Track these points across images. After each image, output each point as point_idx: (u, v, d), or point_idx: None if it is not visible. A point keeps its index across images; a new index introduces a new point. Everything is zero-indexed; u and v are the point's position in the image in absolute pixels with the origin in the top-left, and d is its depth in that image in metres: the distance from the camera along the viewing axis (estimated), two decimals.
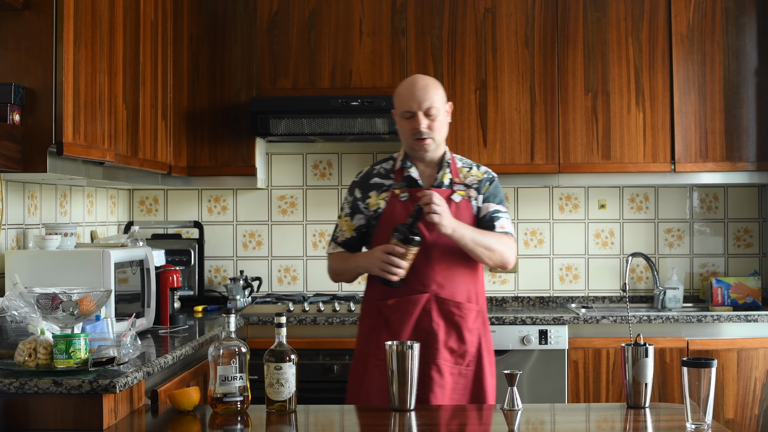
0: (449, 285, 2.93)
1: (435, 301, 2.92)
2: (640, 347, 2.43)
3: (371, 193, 3.02)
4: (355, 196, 3.04)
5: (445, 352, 2.91)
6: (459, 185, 3.01)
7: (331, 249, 3.08)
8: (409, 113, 2.94)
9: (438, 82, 3.02)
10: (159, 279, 3.63)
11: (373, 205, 3.00)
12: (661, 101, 4.30)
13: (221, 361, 2.38)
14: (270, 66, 4.35)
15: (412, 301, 2.92)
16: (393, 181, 3.01)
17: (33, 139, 2.91)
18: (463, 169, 3.05)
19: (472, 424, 2.47)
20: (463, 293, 2.95)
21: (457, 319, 2.93)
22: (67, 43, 2.95)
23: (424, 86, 2.95)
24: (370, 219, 3.01)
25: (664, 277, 4.62)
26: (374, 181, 3.03)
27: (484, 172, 3.08)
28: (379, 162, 3.11)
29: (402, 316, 2.92)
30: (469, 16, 4.33)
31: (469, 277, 2.97)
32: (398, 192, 2.99)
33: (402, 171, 3.01)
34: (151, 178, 4.07)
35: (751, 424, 4.03)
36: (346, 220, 3.05)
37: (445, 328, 2.92)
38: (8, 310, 2.52)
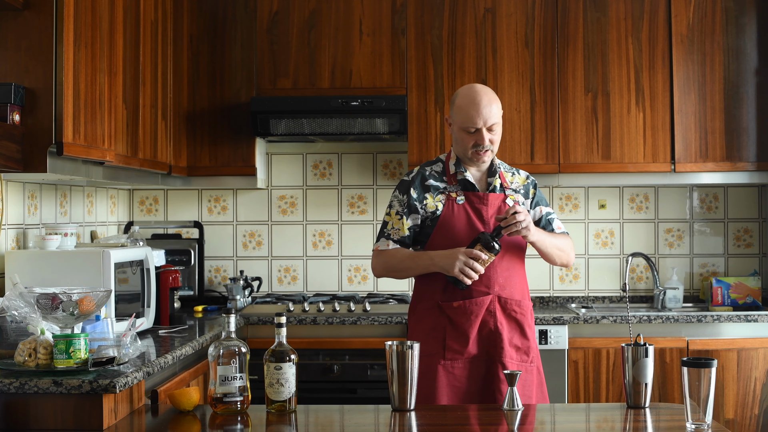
0: (509, 285, 3.02)
1: (498, 301, 3.00)
2: (640, 347, 2.43)
3: (427, 195, 3.06)
4: (411, 195, 3.06)
5: (511, 350, 2.98)
6: (509, 190, 3.11)
7: (385, 246, 3.08)
8: (473, 128, 3.01)
9: (495, 94, 3.09)
10: (159, 279, 3.63)
11: (431, 207, 3.05)
12: (661, 101, 4.30)
13: (221, 361, 2.38)
14: (270, 66, 4.35)
15: (477, 303, 2.98)
16: (447, 184, 3.07)
17: (33, 139, 2.91)
18: (507, 174, 3.15)
19: (472, 424, 2.47)
20: (520, 292, 3.06)
21: (519, 317, 3.02)
22: (67, 43, 2.95)
23: (489, 102, 3.02)
24: (425, 220, 3.06)
25: (664, 277, 4.62)
26: (429, 183, 3.08)
27: (526, 177, 3.20)
28: (427, 164, 3.16)
29: (468, 317, 2.97)
30: (469, 16, 4.33)
31: (523, 277, 3.10)
32: (455, 195, 3.05)
33: (456, 175, 3.08)
34: (151, 178, 4.07)
35: (751, 424, 4.03)
36: (399, 218, 3.07)
37: (509, 327, 3.00)
38: (8, 310, 2.52)
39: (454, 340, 2.98)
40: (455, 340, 2.97)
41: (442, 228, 3.03)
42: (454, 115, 3.07)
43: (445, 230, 3.03)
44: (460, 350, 2.96)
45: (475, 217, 3.03)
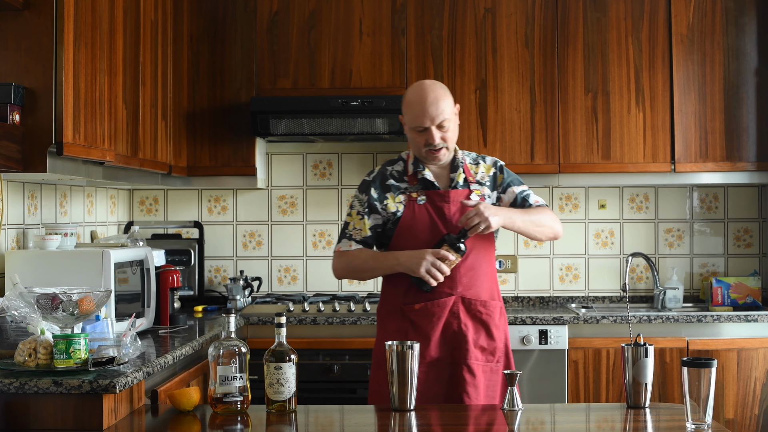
0: (474, 285, 2.94)
1: (462, 302, 2.92)
2: (640, 347, 2.43)
3: (388, 195, 2.99)
4: (371, 195, 2.99)
5: (477, 351, 2.91)
6: (474, 184, 3.01)
7: (347, 246, 3.00)
8: (421, 128, 2.92)
9: (446, 89, 2.98)
10: (159, 279, 3.63)
11: (392, 208, 2.97)
12: (661, 101, 4.30)
13: (221, 361, 2.38)
14: (270, 66, 4.35)
15: (439, 304, 2.91)
16: (408, 184, 2.99)
17: (33, 139, 2.91)
18: (472, 165, 3.05)
19: (471, 424, 2.47)
20: (487, 291, 2.97)
21: (485, 317, 2.94)
22: (67, 43, 2.95)
23: (436, 99, 2.91)
24: (386, 221, 2.98)
25: (664, 277, 4.62)
26: (390, 183, 3.01)
27: (491, 164, 3.07)
28: (389, 163, 3.08)
29: (430, 319, 2.90)
30: (469, 16, 4.33)
31: (490, 276, 3.00)
32: (415, 195, 2.97)
33: (416, 174, 3.00)
34: (151, 178, 4.07)
35: (751, 424, 4.03)
36: (360, 219, 3.00)
37: (474, 328, 2.92)
38: (8, 310, 2.52)
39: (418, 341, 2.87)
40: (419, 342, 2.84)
41: (404, 230, 2.95)
42: (404, 114, 2.98)
43: (406, 232, 2.95)
44: (423, 353, 2.85)
45: (437, 216, 2.94)
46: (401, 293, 2.95)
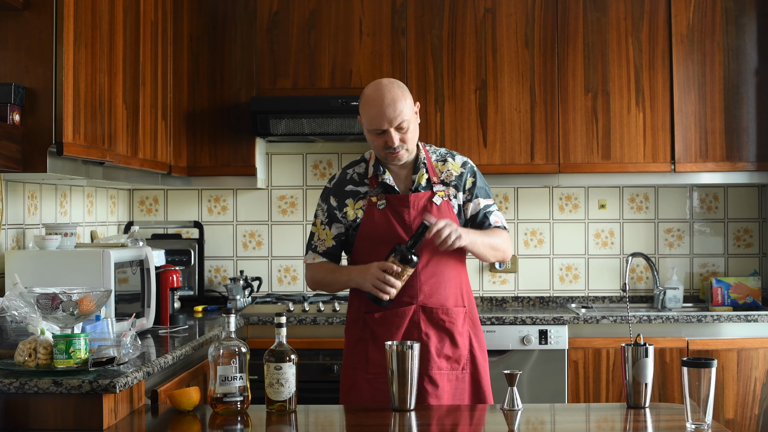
0: (436, 293, 2.84)
1: (423, 311, 2.83)
2: (640, 347, 2.43)
3: (347, 201, 2.90)
4: (330, 204, 2.92)
5: (441, 360, 2.84)
6: (438, 185, 2.89)
7: (311, 259, 2.95)
8: (379, 130, 2.81)
9: (404, 88, 2.85)
10: (159, 279, 3.63)
11: (351, 215, 2.89)
12: (661, 101, 4.30)
13: (221, 361, 2.38)
14: (270, 66, 4.35)
15: (399, 314, 2.82)
16: (368, 187, 2.90)
17: (33, 139, 2.91)
18: (438, 163, 2.93)
19: (471, 424, 2.47)
20: (451, 298, 2.87)
21: (448, 325, 2.85)
22: (67, 43, 2.95)
23: (393, 101, 2.78)
24: (348, 228, 2.91)
25: (664, 277, 4.62)
26: (349, 189, 2.92)
27: (461, 164, 2.95)
28: (350, 165, 2.99)
29: (389, 329, 2.82)
30: (469, 16, 4.33)
31: (455, 281, 2.89)
32: (375, 200, 2.87)
33: (376, 177, 2.89)
34: (151, 178, 4.07)
35: (751, 424, 4.03)
36: (323, 228, 2.94)
37: (437, 337, 2.84)
38: (8, 310, 2.52)
39: (377, 352, 2.82)
40: (378, 353, 2.81)
41: (364, 237, 2.86)
42: (361, 115, 2.86)
43: (366, 240, 2.86)
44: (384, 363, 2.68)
45: (397, 222, 2.84)
46: (365, 301, 2.88)
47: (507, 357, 3.97)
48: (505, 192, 4.67)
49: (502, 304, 4.63)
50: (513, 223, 4.67)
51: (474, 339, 2.92)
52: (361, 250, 2.89)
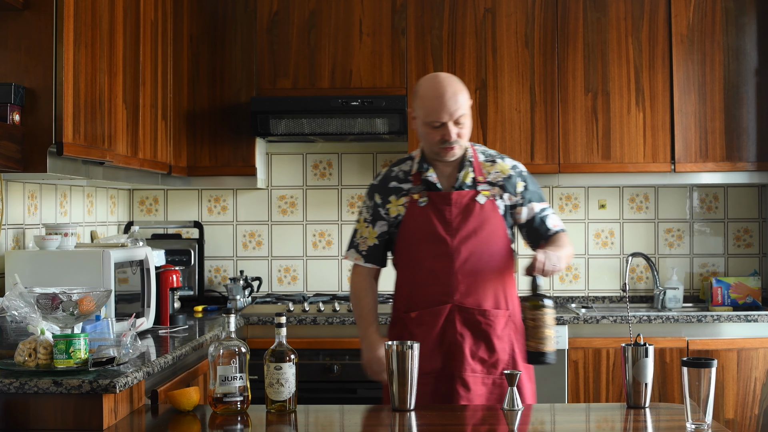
0: (474, 293, 2.79)
1: (458, 311, 2.78)
2: (640, 347, 2.43)
3: (391, 198, 2.87)
4: (375, 201, 2.90)
5: (475, 363, 2.78)
6: (483, 184, 2.85)
7: (353, 258, 2.94)
8: (438, 123, 2.77)
9: (461, 82, 2.83)
10: (159, 279, 3.63)
11: (394, 212, 2.86)
12: (661, 101, 4.30)
13: (221, 361, 2.38)
14: (270, 66, 4.35)
15: (434, 312, 2.79)
16: (412, 184, 2.87)
17: (33, 139, 2.91)
18: (486, 164, 2.89)
19: (471, 424, 2.47)
20: (490, 300, 2.81)
21: (485, 327, 2.79)
22: (67, 43, 2.95)
23: (454, 93, 2.76)
24: (391, 225, 2.88)
25: (664, 277, 4.62)
26: (393, 186, 2.88)
27: (511, 166, 2.90)
28: (396, 163, 2.95)
29: (425, 329, 2.79)
30: (469, 16, 4.33)
31: (497, 282, 2.83)
32: (417, 197, 2.84)
33: (420, 174, 2.86)
34: (151, 178, 4.07)
35: (751, 424, 4.03)
36: (366, 226, 2.91)
37: (472, 339, 2.78)
38: (8, 310, 2.52)
39: None
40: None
41: (404, 235, 2.84)
42: (416, 108, 2.82)
43: (406, 237, 2.84)
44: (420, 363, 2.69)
45: (437, 219, 2.81)
46: (404, 300, 2.87)
47: None
48: None
49: None
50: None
51: (517, 345, 2.84)
52: (401, 249, 2.87)
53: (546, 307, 2.55)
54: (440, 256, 2.80)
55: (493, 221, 2.83)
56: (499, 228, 2.84)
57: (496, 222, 2.83)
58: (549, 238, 2.89)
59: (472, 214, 2.81)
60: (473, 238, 2.80)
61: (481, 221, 2.81)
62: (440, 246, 2.80)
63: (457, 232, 2.80)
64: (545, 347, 2.53)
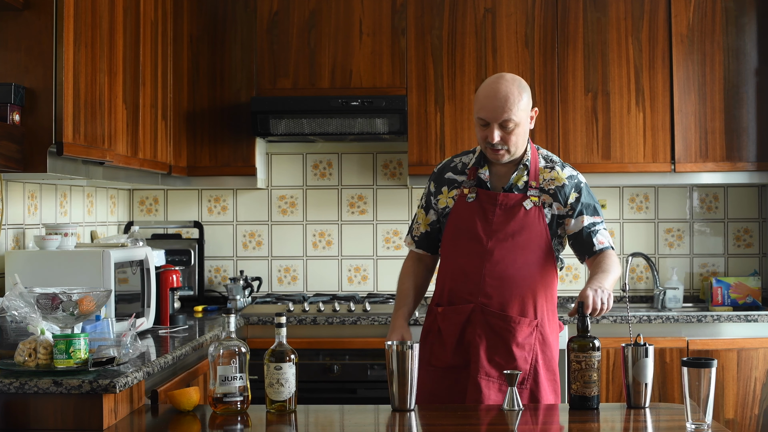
0: (499, 296, 2.75)
1: (480, 312, 2.76)
2: (640, 347, 2.43)
3: (443, 189, 2.88)
4: (429, 189, 2.91)
5: (490, 367, 2.74)
6: (534, 190, 2.80)
7: (408, 243, 2.99)
8: (483, 121, 2.74)
9: (524, 88, 2.77)
10: (159, 279, 3.63)
11: (442, 203, 2.86)
12: (661, 101, 4.30)
13: (221, 361, 2.38)
14: (270, 66, 4.35)
15: (457, 311, 2.79)
16: (466, 178, 2.85)
17: (33, 139, 2.91)
18: (544, 170, 2.83)
19: (472, 424, 2.47)
20: (517, 306, 2.76)
21: (504, 332, 2.75)
22: (67, 43, 2.95)
23: (504, 97, 2.70)
24: (440, 216, 2.89)
25: (664, 277, 4.62)
26: (448, 176, 2.88)
27: (568, 176, 2.84)
28: (459, 154, 2.94)
29: (449, 325, 2.79)
30: (469, 16, 4.33)
31: (527, 290, 2.78)
32: (467, 192, 2.82)
33: (475, 169, 2.83)
34: (151, 178, 4.07)
35: (751, 424, 4.03)
36: (422, 212, 2.94)
37: (490, 341, 2.75)
38: (8, 310, 2.52)
39: (439, 345, 2.81)
40: (440, 346, 2.81)
41: (448, 228, 2.84)
42: (474, 102, 2.82)
43: (450, 230, 2.83)
44: (442, 358, 2.79)
45: (479, 218, 2.78)
46: (438, 293, 2.88)
47: None
48: None
49: None
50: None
51: (541, 357, 2.81)
52: (444, 241, 2.87)
53: (595, 350, 2.49)
54: (473, 254, 2.79)
55: (535, 228, 2.79)
56: (541, 236, 2.80)
57: (538, 229, 2.80)
58: (594, 255, 2.84)
59: (514, 217, 2.77)
60: (509, 241, 2.77)
61: (522, 226, 2.78)
62: (476, 245, 2.79)
63: (495, 234, 2.77)
64: (591, 391, 2.47)
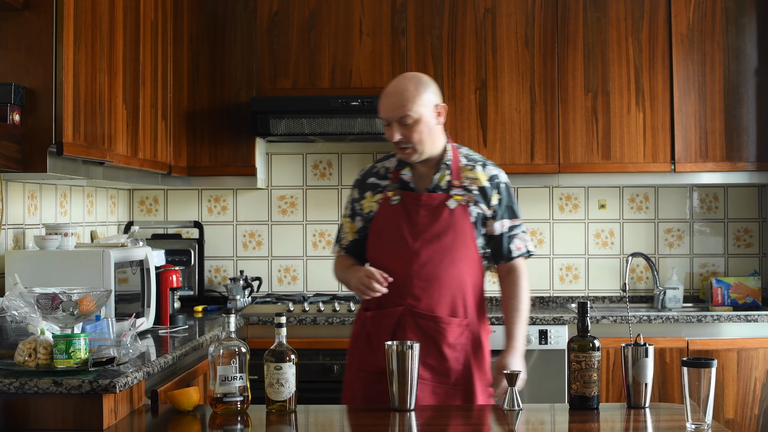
0: (428, 298, 2.73)
1: (410, 314, 2.73)
2: (640, 347, 2.43)
3: (366, 194, 2.86)
4: (353, 196, 2.91)
5: (423, 370, 2.70)
6: (457, 189, 2.79)
7: (335, 251, 2.94)
8: (385, 121, 2.74)
9: (422, 84, 2.74)
10: (159, 279, 3.63)
11: (366, 208, 2.85)
12: (661, 101, 4.30)
13: (221, 361, 2.38)
14: (270, 66, 4.35)
15: (387, 314, 2.76)
16: (389, 181, 2.83)
17: (33, 139, 2.91)
18: (465, 168, 2.82)
19: (471, 424, 2.47)
20: (445, 306, 2.75)
21: (434, 334, 2.73)
22: (67, 43, 2.95)
23: (399, 94, 2.70)
24: (366, 221, 2.86)
25: (664, 277, 4.62)
26: (371, 181, 2.87)
27: (489, 176, 2.83)
28: (381, 159, 2.93)
29: (380, 329, 2.76)
30: (469, 16, 4.33)
31: (456, 291, 2.76)
32: (391, 195, 2.81)
33: (397, 172, 2.83)
34: (151, 178, 4.07)
35: (751, 424, 4.03)
36: (347, 221, 2.92)
37: (422, 344, 2.62)
38: (8, 310, 2.52)
39: (369, 352, 2.78)
40: (370, 351, 2.77)
41: (374, 231, 2.81)
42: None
43: (374, 234, 2.81)
44: (373, 362, 2.75)
45: (405, 220, 2.76)
46: (364, 301, 2.83)
47: None
48: None
49: None
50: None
51: (472, 358, 2.79)
52: (370, 246, 2.85)
53: (595, 350, 2.48)
54: (400, 257, 2.76)
55: (461, 227, 2.77)
56: (467, 235, 2.78)
57: (464, 229, 2.77)
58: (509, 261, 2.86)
59: (439, 217, 2.75)
60: (436, 242, 2.74)
61: (447, 226, 2.76)
62: (402, 246, 2.76)
63: (421, 235, 2.75)
64: (591, 391, 2.46)
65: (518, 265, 2.88)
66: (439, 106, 2.78)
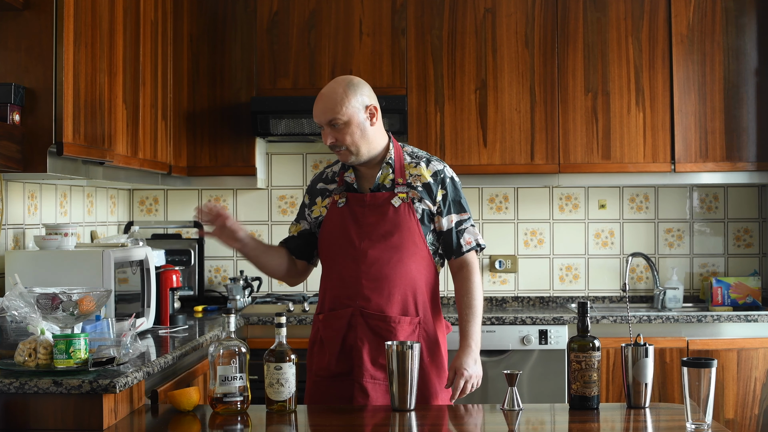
0: (378, 297, 2.71)
1: (360, 315, 2.72)
2: (640, 347, 2.43)
3: (317, 200, 2.86)
4: (304, 202, 2.91)
5: (375, 370, 2.70)
6: (401, 186, 2.76)
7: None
8: (319, 125, 2.77)
9: (351, 86, 2.74)
10: (159, 279, 3.63)
11: (316, 213, 2.85)
12: (661, 101, 4.30)
13: (221, 361, 2.38)
14: (270, 66, 4.35)
15: (337, 316, 2.74)
16: (336, 185, 2.83)
17: (33, 139, 2.91)
18: (410, 165, 2.80)
19: (471, 424, 2.47)
20: (396, 305, 2.73)
21: (385, 333, 2.70)
22: (67, 43, 2.95)
23: (327, 98, 2.71)
24: (312, 225, 2.87)
25: (664, 277, 4.62)
26: (320, 187, 2.87)
27: (433, 172, 2.80)
28: (331, 164, 2.93)
29: (330, 332, 2.75)
30: (469, 16, 4.33)
31: (406, 289, 2.74)
32: (337, 198, 2.80)
33: (343, 174, 2.83)
34: (151, 178, 4.07)
35: (751, 424, 4.03)
36: (293, 225, 2.92)
37: (372, 344, 2.70)
38: (8, 310, 2.52)
39: (322, 355, 2.77)
40: (324, 356, 2.76)
41: (324, 234, 2.81)
42: None
43: (324, 237, 2.81)
44: (327, 367, 2.74)
45: (351, 221, 2.76)
46: (319, 302, 2.84)
47: (507, 357, 3.97)
48: (505, 192, 4.68)
49: (502, 304, 4.63)
50: (513, 223, 4.67)
51: (427, 355, 2.75)
52: (320, 250, 2.85)
53: (595, 350, 2.47)
54: (348, 258, 2.75)
55: (407, 225, 2.75)
56: (414, 233, 2.76)
57: (410, 226, 2.75)
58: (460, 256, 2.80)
59: (385, 216, 2.74)
60: (383, 241, 2.73)
61: (393, 225, 2.75)
62: (349, 248, 2.75)
63: (368, 235, 2.74)
64: (591, 391, 2.45)
65: (469, 260, 2.82)
66: (371, 107, 2.76)
